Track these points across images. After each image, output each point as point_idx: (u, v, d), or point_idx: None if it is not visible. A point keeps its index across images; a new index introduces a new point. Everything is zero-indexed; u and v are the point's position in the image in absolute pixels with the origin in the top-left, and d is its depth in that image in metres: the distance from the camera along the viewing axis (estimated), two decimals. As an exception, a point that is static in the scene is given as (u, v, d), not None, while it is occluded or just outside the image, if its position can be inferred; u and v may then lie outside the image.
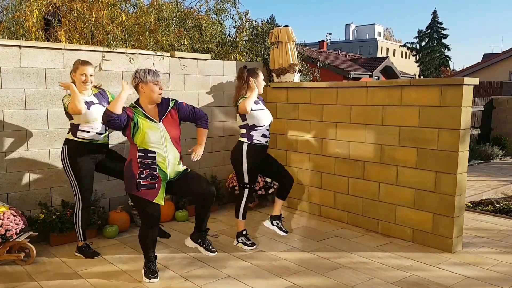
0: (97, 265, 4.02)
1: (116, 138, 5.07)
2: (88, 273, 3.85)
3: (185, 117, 3.70)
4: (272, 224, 4.63)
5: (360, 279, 3.73)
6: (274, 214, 4.64)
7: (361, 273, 3.86)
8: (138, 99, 3.59)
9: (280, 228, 4.63)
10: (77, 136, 4.03)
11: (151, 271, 3.68)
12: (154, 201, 3.52)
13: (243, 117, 4.27)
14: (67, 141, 4.08)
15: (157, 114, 3.54)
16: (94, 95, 4.12)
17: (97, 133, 4.08)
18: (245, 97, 4.21)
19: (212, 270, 3.90)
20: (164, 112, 3.57)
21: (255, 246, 4.44)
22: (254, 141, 4.28)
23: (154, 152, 3.45)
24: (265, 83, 4.53)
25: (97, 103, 4.09)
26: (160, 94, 3.54)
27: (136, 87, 3.53)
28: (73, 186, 4.09)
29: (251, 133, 4.28)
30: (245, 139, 4.29)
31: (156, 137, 3.45)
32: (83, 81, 3.98)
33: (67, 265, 4.02)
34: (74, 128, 4.04)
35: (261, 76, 4.39)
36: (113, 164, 4.23)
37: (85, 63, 4.04)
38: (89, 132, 4.04)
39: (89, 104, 4.00)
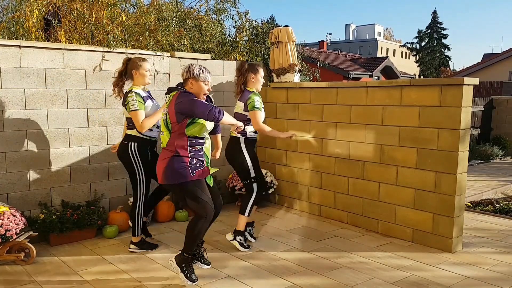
0: (97, 265, 4.02)
1: (117, 138, 5.07)
2: (88, 273, 3.85)
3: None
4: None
5: (360, 279, 3.73)
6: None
7: (361, 273, 3.86)
8: (182, 88, 3.54)
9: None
10: (143, 134, 4.15)
11: (193, 271, 3.60)
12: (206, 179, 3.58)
13: (245, 113, 4.25)
14: (134, 138, 4.16)
15: None
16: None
17: (157, 131, 4.26)
18: (259, 108, 4.17)
19: (212, 270, 3.90)
20: None
21: (248, 250, 4.38)
22: (248, 135, 4.27)
23: (203, 138, 3.54)
24: (264, 81, 4.51)
25: (151, 98, 4.30)
26: (205, 94, 3.58)
27: (185, 80, 3.51)
28: (139, 180, 4.22)
29: (245, 128, 4.19)
30: (238, 134, 4.23)
31: (210, 126, 3.53)
32: (147, 77, 4.20)
33: (67, 265, 4.02)
34: (133, 124, 4.14)
35: (260, 73, 4.36)
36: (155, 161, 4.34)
37: (145, 59, 4.22)
38: (152, 130, 4.20)
39: (148, 98, 4.21)
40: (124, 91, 4.24)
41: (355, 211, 5.19)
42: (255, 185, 4.31)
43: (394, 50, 63.02)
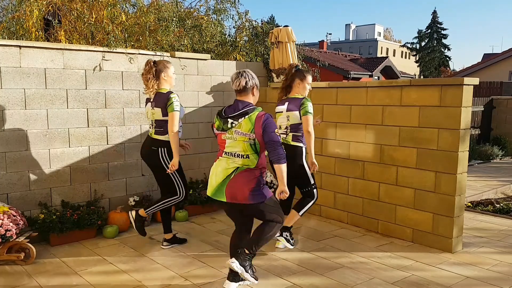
0: (97, 265, 4.02)
1: (117, 138, 5.08)
2: (88, 273, 3.85)
3: None
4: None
5: (360, 279, 3.73)
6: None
7: (361, 273, 3.86)
8: (251, 105, 3.36)
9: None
10: (161, 138, 4.18)
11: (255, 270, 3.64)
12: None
13: (298, 120, 4.16)
14: (165, 143, 4.17)
15: None
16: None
17: (181, 133, 4.31)
18: (312, 113, 4.13)
19: (212, 270, 3.90)
20: None
21: (293, 247, 4.43)
22: (304, 144, 4.21)
23: None
24: (311, 88, 4.44)
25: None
26: None
27: (249, 89, 3.36)
28: (176, 182, 4.28)
29: (302, 138, 4.20)
30: (300, 143, 4.18)
31: None
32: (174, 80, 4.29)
33: (67, 265, 4.02)
34: (164, 130, 4.17)
35: (308, 80, 4.30)
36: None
37: (170, 62, 4.30)
38: (180, 132, 4.24)
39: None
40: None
41: (355, 211, 5.19)
42: (315, 190, 4.29)
43: (394, 50, 63.02)
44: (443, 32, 46.40)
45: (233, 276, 3.34)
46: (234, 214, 3.56)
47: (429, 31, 46.56)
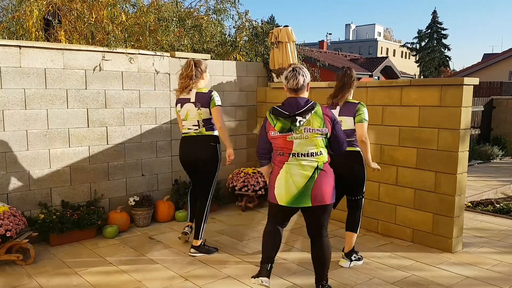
0: (97, 265, 4.01)
1: (117, 138, 5.08)
2: (88, 273, 3.85)
3: None
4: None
5: (360, 279, 3.73)
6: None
7: (361, 273, 3.86)
8: (309, 100, 3.18)
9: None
10: (215, 133, 4.24)
11: None
12: None
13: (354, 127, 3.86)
14: (217, 139, 4.23)
15: None
16: None
17: None
18: (367, 120, 3.84)
19: (212, 270, 3.90)
20: None
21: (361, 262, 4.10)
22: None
23: None
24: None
25: None
26: None
27: (305, 86, 3.18)
28: (215, 181, 4.28)
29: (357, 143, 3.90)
30: (357, 148, 3.88)
31: None
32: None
33: (67, 265, 4.01)
34: (213, 126, 4.23)
35: (356, 85, 4.01)
36: None
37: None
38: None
39: None
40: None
41: (355, 211, 5.18)
42: (363, 199, 4.07)
43: (394, 50, 63.02)
44: (443, 32, 46.38)
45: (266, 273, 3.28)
46: (307, 218, 3.35)
47: (429, 31, 46.54)
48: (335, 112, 3.86)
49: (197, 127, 4.19)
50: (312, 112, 3.06)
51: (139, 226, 5.14)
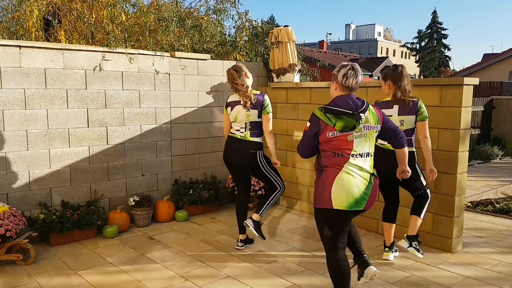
0: (97, 265, 4.01)
1: (117, 138, 5.08)
2: (88, 273, 3.85)
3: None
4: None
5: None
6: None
7: (361, 273, 3.85)
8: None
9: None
10: (258, 140, 4.29)
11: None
12: None
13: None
14: (260, 145, 4.29)
15: None
16: None
17: None
18: (427, 117, 3.84)
19: (212, 270, 3.90)
20: None
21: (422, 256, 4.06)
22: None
23: None
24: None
25: None
26: None
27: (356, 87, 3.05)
28: (273, 178, 4.35)
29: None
30: (413, 148, 3.90)
31: None
32: None
33: (67, 265, 4.01)
34: (261, 133, 4.30)
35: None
36: None
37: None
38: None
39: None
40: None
41: (355, 211, 5.18)
42: (428, 190, 4.04)
43: (394, 50, 63.08)
44: (443, 32, 46.41)
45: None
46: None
47: (429, 31, 46.56)
48: (393, 111, 3.91)
49: (243, 130, 4.25)
50: (368, 109, 2.98)
51: (139, 226, 5.14)
